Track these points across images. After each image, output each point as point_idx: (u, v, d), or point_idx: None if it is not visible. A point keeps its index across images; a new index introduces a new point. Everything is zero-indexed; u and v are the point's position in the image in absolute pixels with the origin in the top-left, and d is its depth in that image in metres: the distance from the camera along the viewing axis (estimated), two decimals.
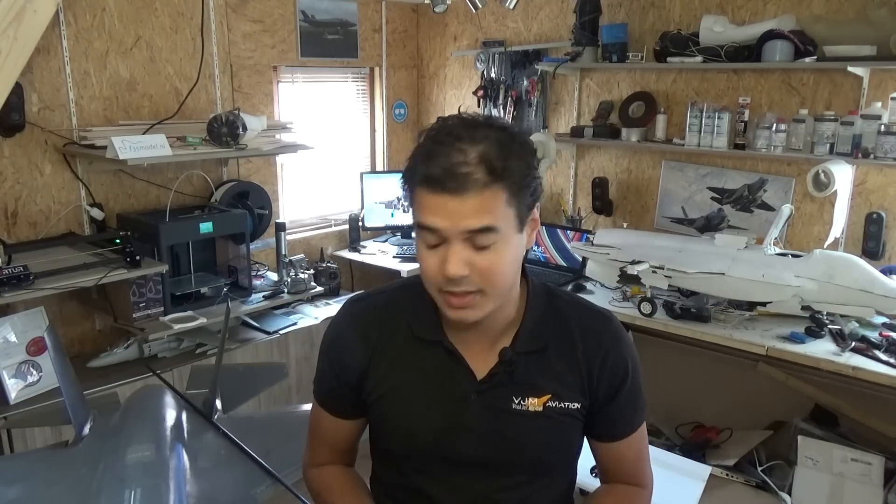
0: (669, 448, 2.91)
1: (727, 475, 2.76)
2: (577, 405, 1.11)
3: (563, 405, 1.10)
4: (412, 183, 1.01)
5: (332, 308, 3.42)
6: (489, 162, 0.95)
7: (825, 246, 2.83)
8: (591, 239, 3.19)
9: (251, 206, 3.29)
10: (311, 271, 3.43)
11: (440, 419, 1.10)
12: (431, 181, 0.96)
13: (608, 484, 1.24)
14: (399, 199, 3.85)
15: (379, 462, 1.23)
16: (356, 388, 1.16)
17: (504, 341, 1.11)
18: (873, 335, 2.56)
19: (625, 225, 3.43)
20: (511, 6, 3.30)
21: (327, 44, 3.77)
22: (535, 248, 3.53)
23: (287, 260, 3.40)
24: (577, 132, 3.53)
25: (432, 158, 0.96)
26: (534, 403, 1.09)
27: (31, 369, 2.49)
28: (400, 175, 1.05)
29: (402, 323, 1.14)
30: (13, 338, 2.47)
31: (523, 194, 0.99)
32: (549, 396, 1.09)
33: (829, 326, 2.61)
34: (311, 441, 1.27)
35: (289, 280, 3.29)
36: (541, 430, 1.10)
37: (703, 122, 3.07)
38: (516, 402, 1.09)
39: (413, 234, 1.10)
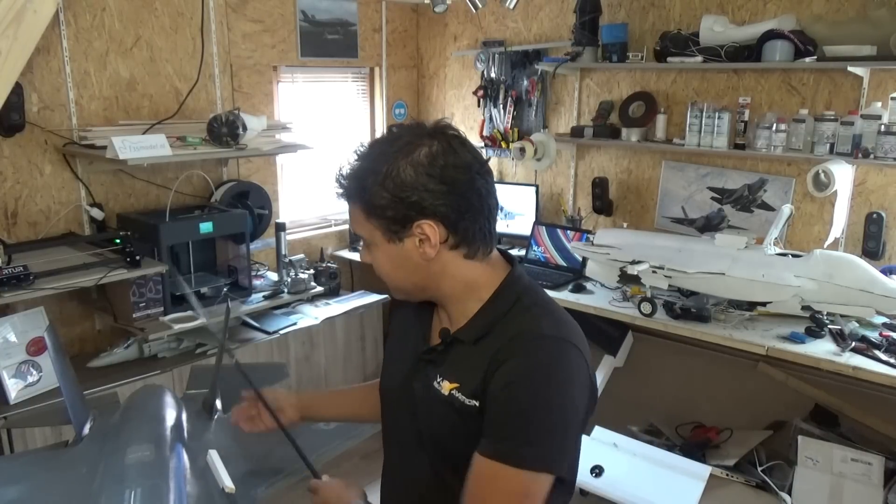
0: (669, 448, 2.90)
1: (727, 475, 2.76)
2: (475, 403, 1.08)
3: (462, 398, 1.10)
4: None
5: (332, 308, 3.42)
6: (344, 180, 1.13)
7: (825, 246, 2.83)
8: (591, 239, 3.19)
9: (251, 206, 3.30)
10: (311, 271, 3.44)
11: (402, 372, 1.22)
12: None
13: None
14: None
15: None
16: None
17: (458, 325, 1.17)
18: (873, 335, 2.56)
19: (625, 225, 3.43)
20: (511, 6, 3.30)
21: (327, 44, 3.77)
22: (536, 247, 3.53)
23: (287, 260, 3.40)
24: (577, 132, 3.53)
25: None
26: (445, 386, 1.13)
27: (31, 369, 2.49)
28: None
29: None
30: (13, 338, 2.47)
31: (386, 211, 1.08)
32: (456, 386, 1.12)
33: (829, 326, 2.61)
34: None
35: (289, 280, 3.29)
36: (443, 415, 1.13)
37: (703, 122, 3.07)
38: (438, 380, 1.14)
39: None
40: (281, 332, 3.14)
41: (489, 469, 1.03)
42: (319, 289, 3.40)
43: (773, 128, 2.88)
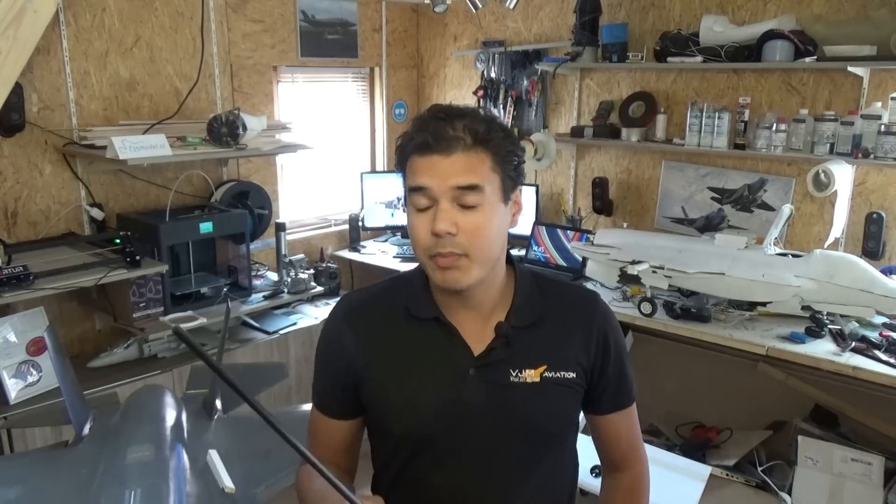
0: (669, 448, 2.90)
1: (727, 475, 2.76)
2: (572, 374, 1.15)
3: (559, 374, 1.14)
4: (406, 152, 1.09)
5: (332, 308, 3.41)
6: (474, 129, 1.05)
7: (825, 246, 2.83)
8: (591, 239, 3.19)
9: (251, 206, 3.29)
10: (311, 271, 3.44)
11: (440, 395, 1.11)
12: (423, 145, 1.05)
13: (611, 480, 1.29)
14: (399, 199, 3.86)
15: (379, 459, 1.22)
16: (354, 380, 1.17)
17: (497, 319, 1.15)
18: (873, 335, 2.56)
19: (625, 225, 3.43)
20: (511, 6, 3.30)
21: (327, 44, 3.77)
22: (536, 247, 3.53)
23: (287, 260, 3.40)
24: (577, 132, 3.53)
25: (424, 128, 1.06)
26: (531, 374, 1.12)
27: (31, 369, 2.49)
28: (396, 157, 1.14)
29: (399, 307, 1.17)
30: (13, 338, 2.47)
31: (507, 165, 1.09)
32: (545, 367, 1.13)
33: (829, 326, 2.61)
34: (308, 444, 1.27)
35: (289, 280, 3.29)
36: (540, 400, 1.12)
37: (703, 122, 3.07)
38: (514, 374, 1.12)
39: (406, 213, 1.16)
40: (281, 332, 3.14)
41: (632, 410, 1.25)
42: (319, 289, 3.39)
43: (773, 128, 2.88)
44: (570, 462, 1.26)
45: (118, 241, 2.69)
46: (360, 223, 3.94)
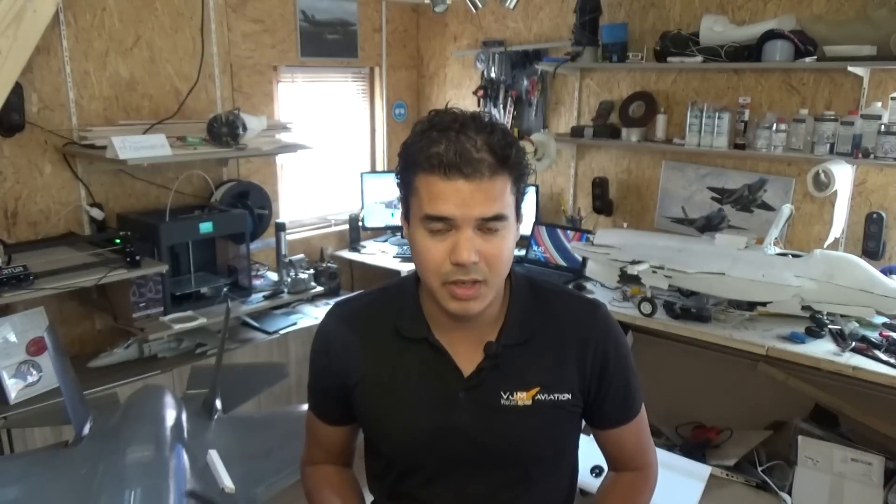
0: (669, 448, 2.91)
1: (727, 475, 2.76)
2: (567, 396, 1.09)
3: (552, 397, 1.08)
4: (415, 169, 1.00)
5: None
6: (496, 149, 0.98)
7: (825, 246, 2.83)
8: (591, 239, 3.19)
9: (251, 206, 3.29)
10: (311, 271, 3.44)
11: (430, 419, 1.09)
12: (445, 165, 0.96)
13: (612, 475, 1.25)
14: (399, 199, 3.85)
15: (372, 470, 1.21)
16: (346, 393, 1.15)
17: (489, 336, 1.09)
18: (873, 335, 2.56)
19: (625, 225, 3.43)
20: (511, 6, 3.30)
21: (327, 44, 3.77)
22: (536, 247, 3.53)
23: (287, 260, 3.40)
24: (577, 132, 3.53)
25: (442, 144, 0.97)
26: (522, 397, 1.07)
27: (31, 369, 2.49)
28: (399, 164, 1.06)
29: (388, 324, 1.13)
30: (13, 338, 2.47)
31: (522, 184, 1.04)
32: (537, 389, 1.08)
33: (830, 326, 2.61)
34: (307, 443, 1.28)
35: (289, 280, 3.29)
36: (531, 424, 1.08)
37: (703, 121, 3.07)
38: (504, 397, 1.07)
39: (407, 228, 1.08)
40: (281, 332, 3.14)
41: (637, 422, 1.18)
42: (319, 289, 3.39)
43: (773, 128, 2.88)
44: (567, 477, 1.21)
45: (118, 241, 2.69)
46: (360, 223, 3.94)
